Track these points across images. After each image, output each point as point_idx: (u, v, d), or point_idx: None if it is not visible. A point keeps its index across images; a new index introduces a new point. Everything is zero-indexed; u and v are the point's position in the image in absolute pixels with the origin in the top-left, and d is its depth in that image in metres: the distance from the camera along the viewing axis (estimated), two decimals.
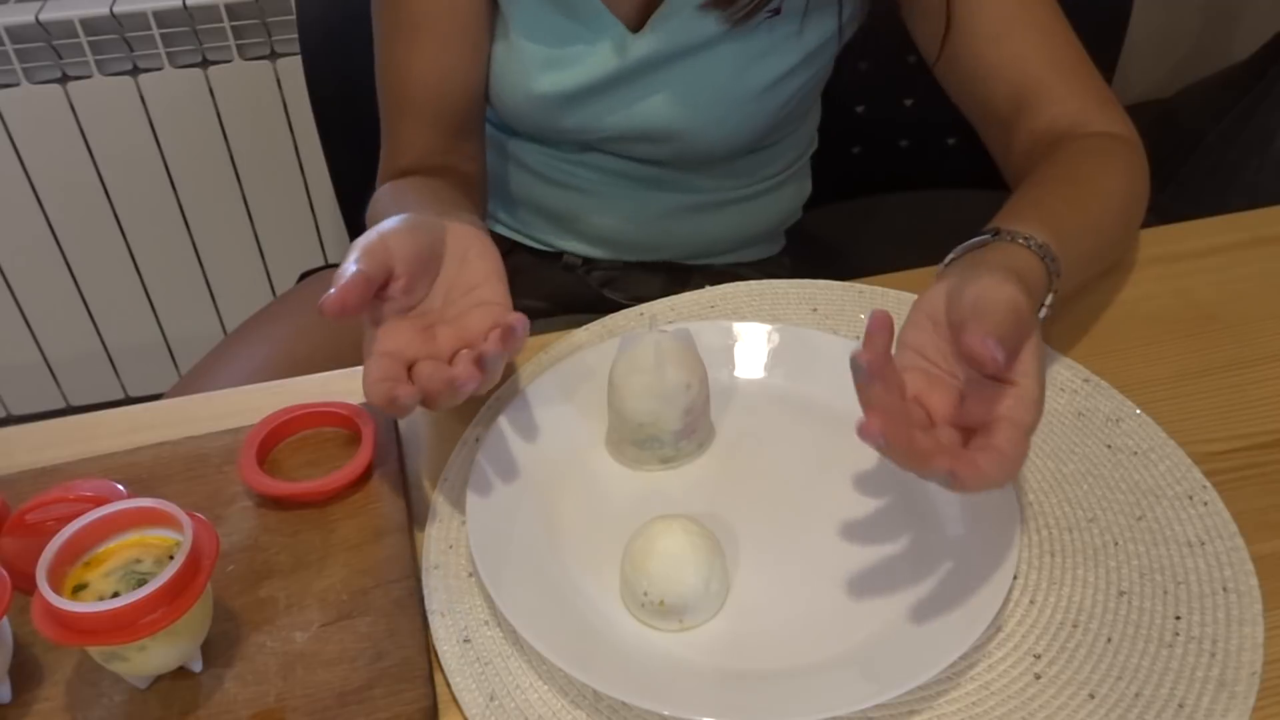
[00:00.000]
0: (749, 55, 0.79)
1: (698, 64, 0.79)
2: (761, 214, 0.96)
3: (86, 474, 0.62)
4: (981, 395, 0.50)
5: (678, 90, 0.80)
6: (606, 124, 0.83)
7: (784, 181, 0.95)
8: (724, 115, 0.81)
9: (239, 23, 1.43)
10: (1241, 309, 0.71)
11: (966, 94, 0.77)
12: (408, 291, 0.58)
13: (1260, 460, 0.60)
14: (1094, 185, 0.67)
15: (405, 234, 0.58)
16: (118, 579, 0.49)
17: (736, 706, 0.48)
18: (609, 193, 0.90)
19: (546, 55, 0.80)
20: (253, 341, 0.88)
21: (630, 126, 0.82)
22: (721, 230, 0.94)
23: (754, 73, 0.79)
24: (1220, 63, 1.86)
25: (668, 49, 0.78)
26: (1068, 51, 0.74)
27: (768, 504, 0.59)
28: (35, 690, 0.51)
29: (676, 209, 0.91)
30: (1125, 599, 0.53)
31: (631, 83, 0.80)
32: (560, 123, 0.83)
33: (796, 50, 0.80)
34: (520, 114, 0.84)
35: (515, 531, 0.57)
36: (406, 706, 0.50)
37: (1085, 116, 0.72)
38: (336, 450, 0.63)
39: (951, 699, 0.49)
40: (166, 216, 1.58)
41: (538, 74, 0.80)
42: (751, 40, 0.78)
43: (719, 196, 0.91)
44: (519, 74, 0.81)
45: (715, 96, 0.80)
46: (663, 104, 0.80)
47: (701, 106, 0.81)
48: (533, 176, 0.92)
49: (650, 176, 0.89)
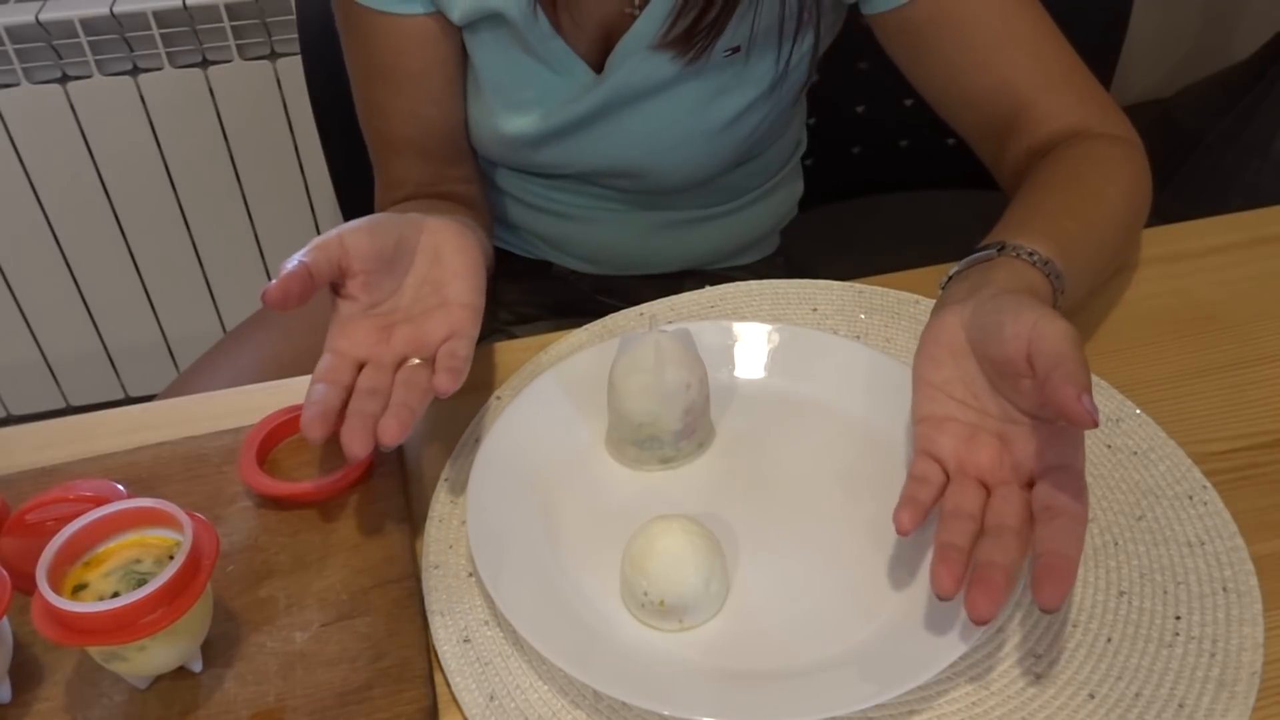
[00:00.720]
0: (709, 92, 0.77)
1: (657, 103, 0.77)
2: (752, 223, 0.95)
3: (86, 474, 0.62)
4: (1028, 436, 0.51)
5: (639, 130, 0.78)
6: (575, 161, 0.82)
7: (773, 189, 0.94)
8: (687, 153, 0.80)
9: (239, 23, 1.43)
10: (1241, 309, 0.71)
11: (958, 118, 0.75)
12: (367, 288, 0.58)
13: (1260, 460, 0.60)
14: (1096, 193, 0.66)
15: (364, 231, 0.58)
16: (118, 579, 0.49)
17: (736, 706, 0.48)
18: (593, 216, 0.89)
19: (512, 98, 0.79)
20: (251, 341, 0.88)
21: (599, 165, 0.82)
22: (712, 243, 0.93)
23: (715, 109, 0.77)
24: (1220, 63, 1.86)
25: (628, 89, 0.76)
26: (1060, 66, 0.71)
27: (768, 504, 0.59)
28: (35, 690, 0.51)
29: (663, 225, 0.90)
30: (1125, 599, 0.53)
31: (595, 123, 0.79)
32: (532, 159, 0.83)
33: (757, 85, 0.77)
34: (493, 151, 0.84)
35: (515, 531, 0.57)
36: (406, 706, 0.50)
37: (1086, 124, 0.71)
38: (336, 450, 0.63)
39: (951, 699, 0.49)
40: (166, 216, 1.58)
41: (505, 116, 0.79)
42: (710, 78, 0.76)
43: (705, 212, 0.91)
44: (487, 115, 0.80)
45: (677, 135, 0.79)
46: (625, 143, 0.79)
47: (663, 145, 0.79)
48: (516, 202, 0.92)
49: (632, 200, 0.88)
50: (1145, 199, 0.71)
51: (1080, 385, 0.46)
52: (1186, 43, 1.96)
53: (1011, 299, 0.52)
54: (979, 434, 0.52)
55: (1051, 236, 0.59)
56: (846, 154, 1.20)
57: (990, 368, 0.52)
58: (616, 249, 0.91)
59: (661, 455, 0.61)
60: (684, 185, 0.84)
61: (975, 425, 0.53)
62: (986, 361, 0.52)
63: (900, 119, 1.18)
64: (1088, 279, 0.64)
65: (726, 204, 0.91)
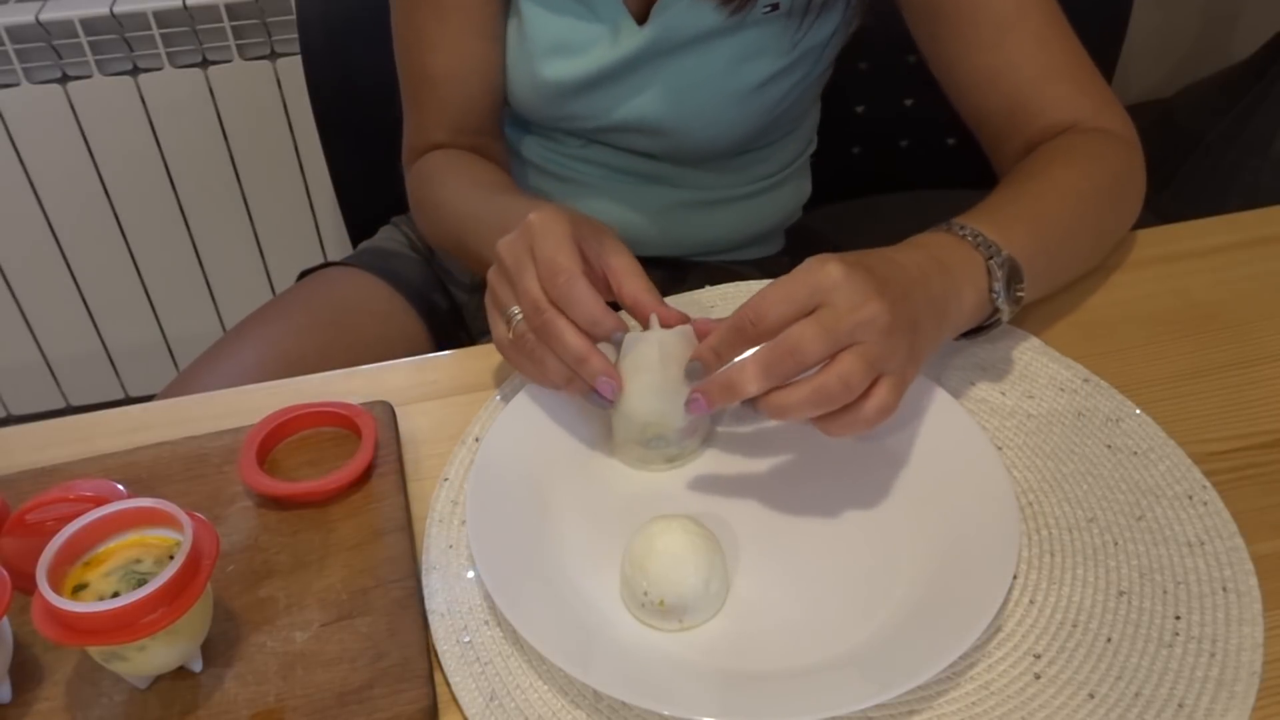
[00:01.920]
0: (742, 53, 0.79)
1: (694, 56, 0.80)
2: (760, 213, 0.96)
3: (86, 474, 0.62)
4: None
5: (674, 84, 0.81)
6: (606, 114, 0.84)
7: (782, 181, 0.96)
8: (716, 112, 0.82)
9: (239, 23, 1.43)
10: (1241, 309, 0.71)
11: (963, 99, 0.78)
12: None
13: (1260, 460, 0.60)
14: (1053, 178, 0.68)
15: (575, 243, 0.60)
16: (118, 579, 0.49)
17: (736, 706, 0.48)
18: (609, 188, 0.91)
19: (556, 42, 0.81)
20: (248, 343, 0.88)
21: (627, 118, 0.83)
22: (720, 228, 0.95)
23: (745, 71, 0.80)
24: (1220, 63, 1.86)
25: (668, 39, 0.79)
26: (1065, 58, 0.73)
27: (768, 504, 0.59)
28: (35, 690, 0.51)
29: (676, 205, 0.92)
30: (1125, 599, 0.53)
31: (630, 74, 0.81)
32: (564, 110, 0.84)
33: (789, 51, 0.80)
34: (527, 102, 0.85)
35: (515, 531, 0.57)
36: (406, 706, 0.50)
37: (1081, 117, 0.73)
38: (336, 450, 0.63)
39: (951, 699, 0.49)
40: (166, 216, 1.58)
41: (546, 61, 0.81)
42: (746, 38, 0.79)
43: (718, 194, 0.92)
44: (527, 60, 0.82)
45: (709, 92, 0.81)
46: (660, 96, 0.81)
47: (695, 101, 0.81)
48: (534, 170, 0.93)
49: (650, 172, 0.89)
50: (1125, 185, 0.72)
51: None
52: (1186, 43, 1.96)
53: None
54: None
55: (987, 214, 0.64)
56: (846, 154, 1.20)
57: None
58: (629, 227, 0.92)
59: (667, 454, 0.61)
60: (707, 149, 0.86)
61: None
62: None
63: (900, 119, 1.19)
64: (1043, 258, 0.65)
65: (739, 188, 0.93)
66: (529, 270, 0.58)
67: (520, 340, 0.60)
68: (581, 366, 0.57)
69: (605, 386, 0.57)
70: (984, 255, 0.61)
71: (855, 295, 0.52)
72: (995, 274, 0.61)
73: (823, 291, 0.52)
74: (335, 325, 0.90)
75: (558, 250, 0.58)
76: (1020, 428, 0.63)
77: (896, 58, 1.01)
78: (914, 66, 0.81)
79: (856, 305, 0.52)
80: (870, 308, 0.52)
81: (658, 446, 0.61)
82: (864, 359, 0.52)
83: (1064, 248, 0.68)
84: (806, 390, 0.52)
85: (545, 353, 0.59)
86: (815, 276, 0.52)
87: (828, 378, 0.52)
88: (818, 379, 0.52)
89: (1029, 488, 0.59)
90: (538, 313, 0.58)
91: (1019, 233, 0.63)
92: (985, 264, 0.61)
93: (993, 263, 0.61)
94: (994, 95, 0.74)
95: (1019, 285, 0.62)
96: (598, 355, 0.57)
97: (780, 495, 0.60)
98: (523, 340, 0.60)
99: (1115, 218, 0.73)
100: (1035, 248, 0.64)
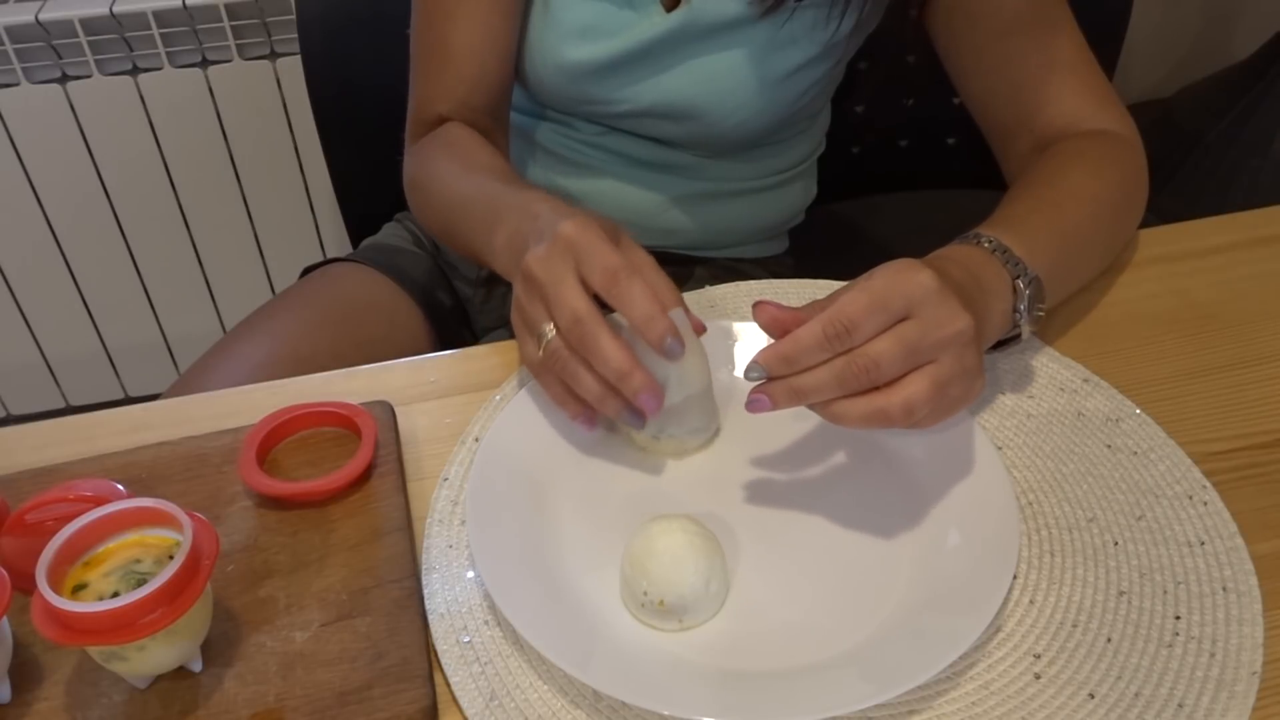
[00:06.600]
0: (772, 42, 0.80)
1: (722, 45, 0.80)
2: (768, 208, 0.96)
3: (86, 474, 0.62)
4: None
5: (700, 69, 0.81)
6: (630, 98, 0.84)
7: (792, 179, 0.96)
8: (743, 99, 0.82)
9: (239, 23, 1.43)
10: (1241, 309, 0.71)
11: (970, 90, 0.78)
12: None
13: (1260, 460, 0.60)
14: (1071, 186, 0.68)
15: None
16: (118, 579, 0.49)
17: (736, 706, 0.48)
18: (622, 175, 0.91)
19: (583, 24, 0.81)
20: (253, 339, 0.88)
21: (652, 102, 0.83)
22: (728, 221, 0.95)
23: (775, 60, 0.81)
24: (1220, 63, 1.86)
25: (697, 24, 0.79)
26: (1070, 52, 0.74)
27: (768, 504, 0.59)
28: (35, 690, 0.51)
29: (686, 196, 0.92)
30: (1125, 599, 0.53)
31: (658, 57, 0.81)
32: (586, 93, 0.84)
33: (817, 42, 0.81)
34: (547, 86, 0.85)
35: (515, 531, 0.57)
36: (406, 706, 0.50)
37: (1081, 115, 0.73)
38: (336, 450, 0.63)
39: (951, 699, 0.49)
40: (166, 216, 1.58)
41: (572, 43, 0.82)
42: (775, 27, 0.79)
43: (728, 186, 0.92)
44: (553, 42, 0.82)
45: (737, 79, 0.81)
46: (687, 80, 0.82)
47: (720, 88, 0.82)
48: (550, 157, 0.93)
49: (666, 161, 0.90)
50: (1134, 189, 0.73)
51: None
52: (1186, 43, 1.96)
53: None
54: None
55: (1012, 226, 0.63)
56: (846, 154, 1.20)
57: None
58: (639, 215, 0.92)
59: (674, 447, 0.62)
60: (730, 137, 0.86)
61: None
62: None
63: (900, 119, 1.19)
64: (1063, 270, 0.65)
65: (749, 181, 0.93)
66: (567, 282, 0.56)
67: (552, 357, 0.57)
68: (624, 381, 0.55)
69: (648, 402, 0.55)
70: (1011, 274, 0.60)
71: (944, 310, 0.51)
72: (1021, 293, 0.60)
73: (915, 303, 0.51)
74: (342, 322, 0.90)
75: (609, 254, 0.56)
76: (1020, 428, 0.63)
77: (896, 58, 1.01)
78: (914, 66, 0.81)
79: (943, 321, 0.51)
80: (958, 323, 0.51)
81: (673, 435, 0.61)
82: (934, 383, 0.52)
83: (1081, 258, 0.69)
84: (867, 409, 0.52)
85: (580, 369, 0.57)
86: (908, 285, 0.51)
87: (892, 404, 0.51)
88: (880, 401, 0.51)
89: (1029, 488, 0.59)
90: (578, 324, 0.55)
91: (1042, 246, 0.62)
92: (1012, 282, 0.60)
93: (1019, 282, 0.60)
94: (1000, 85, 0.75)
95: (1040, 305, 0.61)
96: (641, 369, 0.55)
97: (780, 495, 0.60)
98: (555, 357, 0.57)
99: (1126, 224, 0.74)
100: (1057, 261, 0.63)
